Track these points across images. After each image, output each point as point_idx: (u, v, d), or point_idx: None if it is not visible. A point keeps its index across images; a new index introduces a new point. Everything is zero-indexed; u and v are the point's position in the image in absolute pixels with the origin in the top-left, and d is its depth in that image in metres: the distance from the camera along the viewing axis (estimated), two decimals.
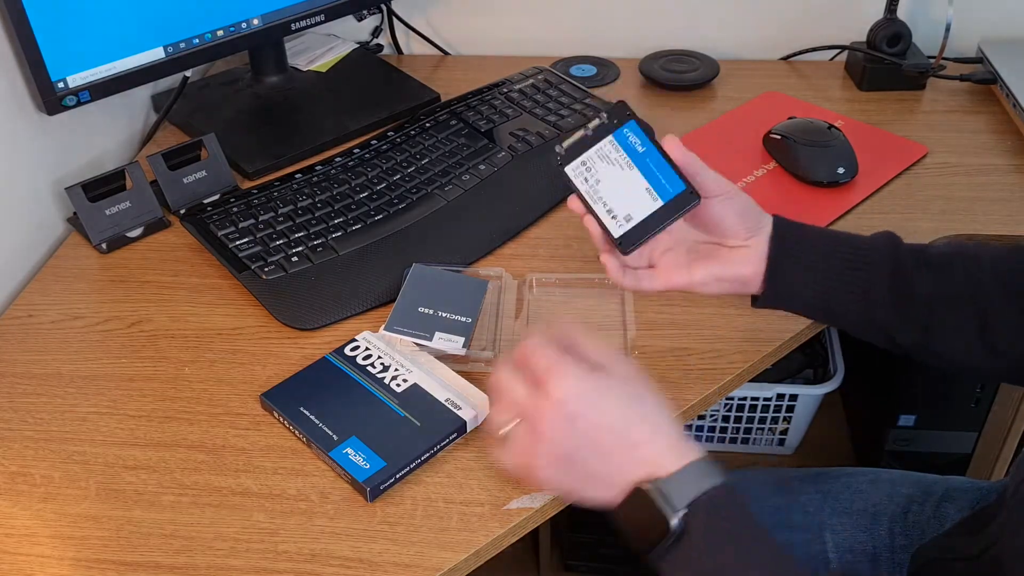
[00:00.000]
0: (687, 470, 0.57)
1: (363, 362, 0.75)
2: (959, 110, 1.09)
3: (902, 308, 0.70)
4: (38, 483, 0.69)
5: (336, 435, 0.69)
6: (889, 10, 1.13)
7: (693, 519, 0.55)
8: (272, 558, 0.63)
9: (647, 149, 0.68)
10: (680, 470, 0.57)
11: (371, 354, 0.76)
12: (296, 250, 0.87)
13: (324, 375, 0.74)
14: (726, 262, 0.70)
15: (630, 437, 0.58)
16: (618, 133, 0.68)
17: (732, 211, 0.70)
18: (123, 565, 0.63)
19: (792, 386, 1.20)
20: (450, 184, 0.95)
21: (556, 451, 0.58)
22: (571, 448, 0.58)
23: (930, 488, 0.86)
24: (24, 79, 0.90)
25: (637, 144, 0.68)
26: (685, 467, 0.57)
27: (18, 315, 0.85)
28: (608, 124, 0.69)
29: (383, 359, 0.75)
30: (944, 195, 0.95)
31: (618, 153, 0.68)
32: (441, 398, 0.71)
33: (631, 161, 0.68)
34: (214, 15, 0.98)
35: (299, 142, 1.06)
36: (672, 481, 0.56)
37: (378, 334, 0.78)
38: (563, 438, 0.58)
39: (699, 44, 1.22)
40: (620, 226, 0.68)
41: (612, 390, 0.60)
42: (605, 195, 0.68)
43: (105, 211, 0.91)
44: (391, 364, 0.74)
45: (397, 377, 0.73)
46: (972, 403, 1.16)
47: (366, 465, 0.67)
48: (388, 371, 0.74)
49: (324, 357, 0.76)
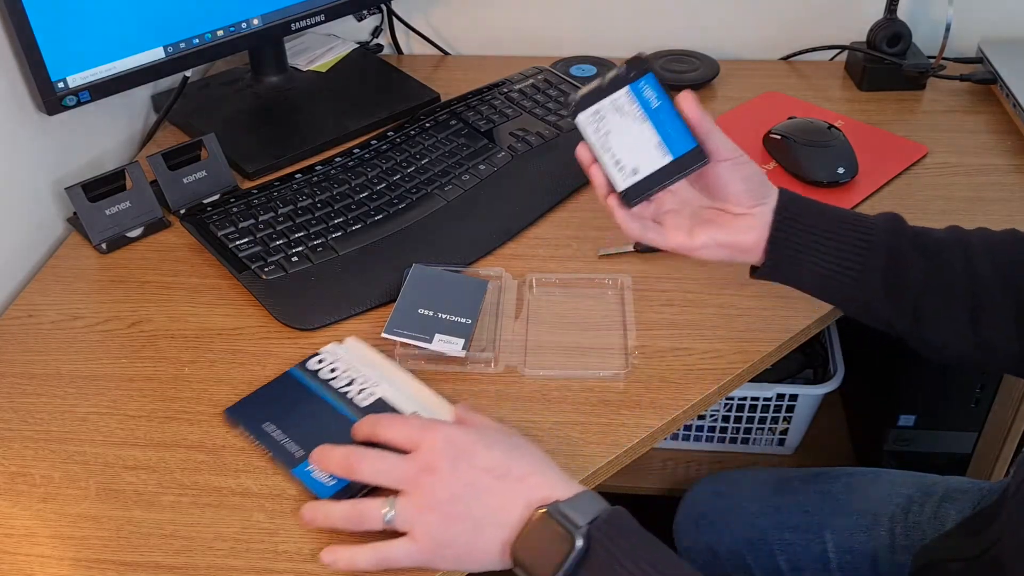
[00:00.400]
0: (581, 496, 0.58)
1: (327, 376, 0.73)
2: (959, 110, 1.09)
3: (894, 292, 0.69)
4: (38, 483, 0.69)
5: (299, 452, 0.68)
6: (889, 10, 1.13)
7: (595, 536, 0.56)
8: (272, 558, 0.63)
9: (661, 104, 0.67)
10: (575, 495, 0.58)
11: (336, 368, 0.74)
12: (296, 250, 0.87)
13: (288, 390, 0.73)
14: (729, 228, 0.70)
15: (514, 472, 0.59)
16: (634, 85, 0.67)
17: (739, 176, 0.69)
18: (123, 565, 0.63)
19: (792, 386, 1.20)
20: (450, 184, 0.95)
21: (442, 500, 0.58)
22: (456, 492, 0.59)
23: (930, 488, 0.86)
24: (24, 79, 0.90)
25: (653, 98, 0.67)
26: (579, 494, 0.58)
27: (18, 315, 0.85)
28: (625, 76, 0.67)
29: (348, 372, 0.73)
30: (944, 195, 0.95)
31: (632, 105, 0.67)
32: (407, 411, 0.70)
33: (644, 115, 0.67)
34: (214, 15, 0.98)
35: (299, 142, 1.06)
36: (570, 504, 0.57)
37: (344, 345, 0.77)
38: (446, 485, 0.59)
39: (699, 44, 1.22)
40: (626, 179, 0.67)
41: (488, 436, 0.62)
42: (614, 146, 0.67)
43: (105, 211, 0.91)
44: (356, 378, 0.73)
45: (363, 391, 0.72)
46: (972, 403, 1.16)
47: (330, 482, 0.65)
48: (353, 385, 0.72)
49: (288, 371, 0.74)
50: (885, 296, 0.69)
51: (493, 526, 0.58)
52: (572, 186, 0.97)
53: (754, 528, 0.90)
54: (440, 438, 0.60)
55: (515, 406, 0.73)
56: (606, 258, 0.88)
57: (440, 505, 0.59)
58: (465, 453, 0.60)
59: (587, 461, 0.69)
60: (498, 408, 0.73)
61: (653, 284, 0.85)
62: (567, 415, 0.72)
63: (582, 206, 0.95)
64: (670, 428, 0.73)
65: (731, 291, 0.83)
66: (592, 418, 0.72)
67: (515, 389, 0.75)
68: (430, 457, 0.60)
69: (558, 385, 0.75)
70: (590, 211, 0.94)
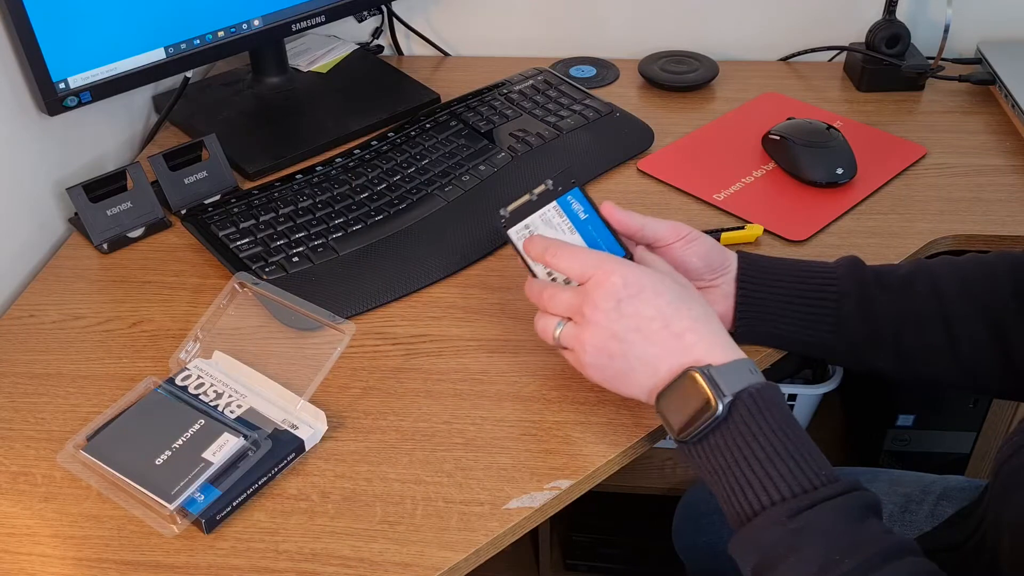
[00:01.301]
0: (736, 364, 0.60)
1: (195, 391, 0.73)
2: (958, 111, 1.10)
3: (870, 334, 0.71)
4: (39, 482, 0.69)
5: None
6: (888, 11, 1.13)
7: (737, 407, 0.58)
8: (272, 557, 0.63)
9: (589, 216, 0.70)
10: (730, 363, 0.60)
11: (203, 382, 0.74)
12: (296, 250, 0.87)
13: (155, 409, 0.72)
14: None
15: (675, 326, 0.62)
16: (562, 200, 0.71)
17: (692, 254, 0.71)
18: (124, 564, 0.63)
19: (791, 386, 1.20)
20: (450, 185, 0.95)
21: (602, 334, 0.62)
22: (617, 331, 0.62)
23: (928, 487, 0.86)
24: (25, 80, 0.90)
25: (580, 211, 0.71)
26: (734, 361, 0.60)
27: (19, 315, 0.85)
28: (553, 191, 0.71)
29: (215, 387, 0.73)
30: (943, 196, 0.95)
31: (561, 219, 0.71)
32: (278, 420, 0.71)
33: (573, 227, 0.70)
34: (215, 16, 0.99)
35: (300, 143, 1.06)
36: (722, 370, 0.59)
37: (210, 361, 0.76)
38: (609, 322, 0.62)
39: (698, 45, 1.22)
40: None
41: (659, 283, 0.63)
42: None
43: (106, 211, 0.92)
44: (224, 391, 0.73)
45: (231, 403, 0.72)
46: (970, 403, 1.17)
47: (200, 497, 0.65)
48: (222, 398, 0.72)
49: (154, 390, 0.73)
50: (863, 340, 0.71)
51: (644, 371, 0.62)
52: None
53: None
54: (612, 276, 0.63)
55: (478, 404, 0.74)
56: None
57: (599, 341, 0.63)
58: (631, 297, 0.62)
59: (587, 461, 0.69)
60: (499, 408, 0.73)
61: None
62: (567, 415, 0.73)
63: None
64: None
65: None
66: (592, 418, 0.72)
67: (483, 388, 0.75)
68: (598, 295, 0.63)
69: (557, 385, 0.75)
70: None
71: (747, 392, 0.58)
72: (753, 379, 0.59)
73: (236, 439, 0.68)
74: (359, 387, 0.76)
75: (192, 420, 0.70)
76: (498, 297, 0.84)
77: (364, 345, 0.80)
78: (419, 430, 0.72)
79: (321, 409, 0.71)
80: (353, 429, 0.72)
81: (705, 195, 0.96)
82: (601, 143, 1.02)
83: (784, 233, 0.90)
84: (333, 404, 0.74)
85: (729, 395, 0.58)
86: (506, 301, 0.84)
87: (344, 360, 0.78)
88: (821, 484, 0.56)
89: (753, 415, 0.58)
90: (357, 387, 0.76)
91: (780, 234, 0.90)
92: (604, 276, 0.63)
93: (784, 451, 0.57)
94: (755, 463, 0.57)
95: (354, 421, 0.73)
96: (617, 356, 0.63)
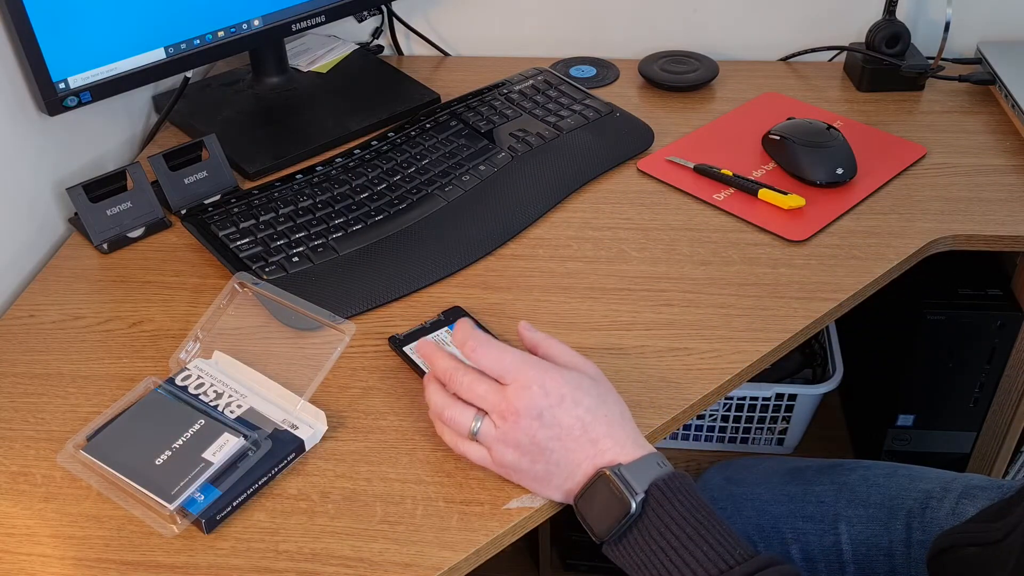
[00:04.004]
0: (645, 459, 0.63)
1: (195, 391, 0.73)
2: (958, 111, 1.10)
3: None
4: (39, 483, 0.69)
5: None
6: (888, 11, 1.13)
7: (649, 502, 0.60)
8: (272, 557, 0.63)
9: None
10: (639, 459, 0.63)
11: (203, 382, 0.74)
12: (297, 250, 0.87)
13: (155, 409, 0.72)
14: None
15: (592, 432, 0.64)
16: (452, 326, 0.77)
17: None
18: (124, 565, 0.63)
19: (791, 386, 1.20)
20: (450, 185, 0.95)
21: (524, 442, 0.63)
22: (539, 440, 0.63)
23: (949, 484, 0.85)
24: (25, 79, 0.90)
25: None
26: (643, 457, 0.63)
27: (19, 315, 0.85)
28: (444, 321, 0.80)
29: (215, 387, 0.73)
30: (943, 196, 0.95)
31: (451, 345, 0.73)
32: (278, 419, 0.71)
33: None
34: (215, 16, 0.99)
35: (300, 143, 1.06)
36: (632, 468, 0.62)
37: (210, 361, 0.76)
38: (532, 431, 0.63)
39: (698, 45, 1.22)
40: None
41: (577, 390, 0.65)
42: None
43: (106, 211, 0.92)
44: (224, 391, 0.73)
45: (231, 404, 0.72)
46: (971, 403, 1.16)
47: (200, 497, 0.65)
48: (222, 398, 0.72)
49: (154, 390, 0.73)
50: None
51: (561, 475, 0.64)
52: (572, 187, 0.97)
53: (766, 515, 0.89)
54: (533, 386, 0.64)
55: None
56: (619, 254, 0.88)
57: (519, 445, 0.64)
58: (552, 407, 0.63)
59: None
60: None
61: (652, 284, 0.85)
62: None
63: (582, 206, 0.95)
64: (670, 428, 0.73)
65: (730, 291, 0.84)
66: None
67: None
68: (520, 404, 0.63)
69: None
70: (591, 212, 0.94)
71: (655, 485, 0.61)
72: (662, 471, 0.62)
73: (236, 439, 0.68)
74: (359, 387, 0.76)
75: (192, 420, 0.70)
76: (498, 297, 0.84)
77: (364, 345, 0.80)
78: (419, 430, 0.72)
79: (321, 409, 0.71)
80: (353, 429, 0.72)
81: (705, 195, 0.96)
82: (601, 143, 1.02)
83: (784, 233, 0.90)
84: (333, 404, 0.74)
85: (640, 492, 0.61)
86: (506, 301, 0.84)
87: (344, 360, 0.78)
88: (736, 563, 0.58)
89: (663, 505, 0.60)
90: (357, 387, 0.76)
91: (780, 234, 0.90)
92: (526, 383, 0.64)
93: (697, 535, 0.59)
94: (671, 552, 0.59)
95: (354, 421, 0.73)
96: (539, 461, 0.64)
